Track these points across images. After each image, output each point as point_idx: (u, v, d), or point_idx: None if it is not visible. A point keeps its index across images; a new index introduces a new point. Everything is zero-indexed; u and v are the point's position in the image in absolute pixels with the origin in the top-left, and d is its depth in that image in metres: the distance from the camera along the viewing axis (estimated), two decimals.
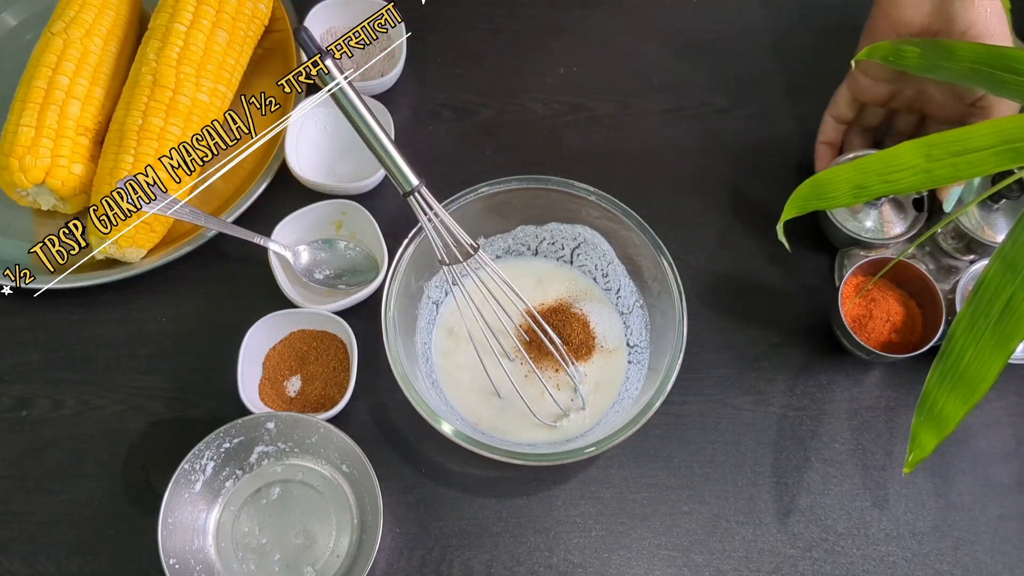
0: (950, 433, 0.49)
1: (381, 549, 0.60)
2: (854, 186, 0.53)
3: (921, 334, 0.65)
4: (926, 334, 0.64)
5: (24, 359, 0.68)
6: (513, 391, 0.63)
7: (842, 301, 0.65)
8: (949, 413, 0.49)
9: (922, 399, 0.50)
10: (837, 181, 0.54)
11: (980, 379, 0.48)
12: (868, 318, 0.65)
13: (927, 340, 0.63)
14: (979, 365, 0.48)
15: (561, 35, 0.81)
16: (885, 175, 0.52)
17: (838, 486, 0.65)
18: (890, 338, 0.65)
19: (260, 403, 0.65)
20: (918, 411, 0.50)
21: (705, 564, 0.63)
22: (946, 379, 0.49)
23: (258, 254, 0.69)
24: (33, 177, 0.66)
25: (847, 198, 0.54)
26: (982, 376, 0.48)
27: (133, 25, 0.75)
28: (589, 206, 0.65)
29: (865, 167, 0.53)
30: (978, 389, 0.48)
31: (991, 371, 0.48)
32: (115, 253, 0.67)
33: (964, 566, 0.63)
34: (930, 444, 0.50)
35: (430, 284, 0.67)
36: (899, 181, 0.52)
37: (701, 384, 0.68)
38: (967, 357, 0.49)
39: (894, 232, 0.67)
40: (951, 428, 0.49)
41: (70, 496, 0.64)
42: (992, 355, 0.48)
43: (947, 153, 0.51)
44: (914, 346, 0.64)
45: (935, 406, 0.50)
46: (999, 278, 0.48)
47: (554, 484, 0.65)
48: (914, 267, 0.65)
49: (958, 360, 0.49)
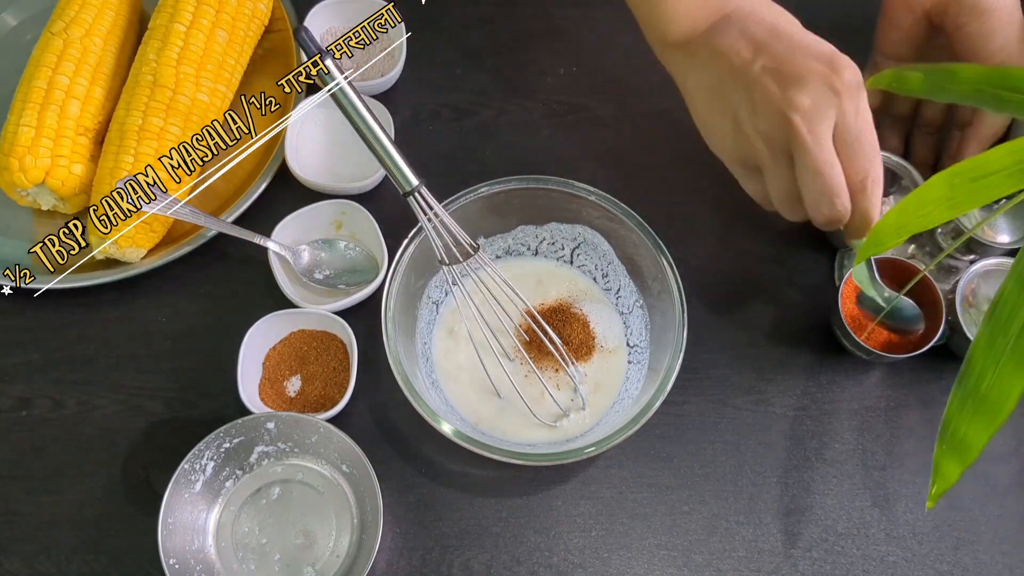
0: (974, 461, 0.47)
1: (381, 549, 0.60)
2: (897, 227, 0.54)
3: (921, 334, 0.65)
4: (926, 334, 0.64)
5: (24, 359, 0.68)
6: (513, 391, 0.63)
7: (842, 301, 0.65)
8: (972, 440, 0.47)
9: (943, 427, 0.48)
10: (887, 228, 0.55)
11: (1002, 401, 0.46)
12: (868, 318, 0.65)
13: (927, 340, 0.63)
14: (1000, 387, 0.46)
15: (561, 35, 0.81)
16: (918, 212, 0.53)
17: (838, 486, 0.65)
18: (890, 338, 0.65)
19: (260, 403, 0.65)
20: (940, 439, 0.48)
21: (705, 564, 0.63)
22: (967, 404, 0.47)
23: (258, 254, 0.69)
24: (33, 177, 0.66)
25: (892, 240, 0.55)
26: (1004, 398, 0.46)
27: (133, 25, 0.75)
28: (589, 206, 0.65)
29: (905, 208, 0.54)
30: (1001, 412, 0.46)
31: (1013, 392, 0.46)
32: (115, 253, 0.67)
33: (964, 566, 0.63)
34: (954, 474, 0.48)
35: (430, 284, 0.67)
36: (929, 215, 0.53)
37: (701, 384, 0.68)
38: (987, 380, 0.47)
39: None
40: (975, 456, 0.47)
41: (70, 496, 0.64)
42: (1013, 375, 0.46)
43: (967, 180, 0.51)
44: (914, 346, 0.64)
45: (957, 432, 0.48)
46: (1015, 296, 0.47)
47: (554, 484, 0.65)
48: (914, 267, 0.65)
49: (978, 383, 0.47)
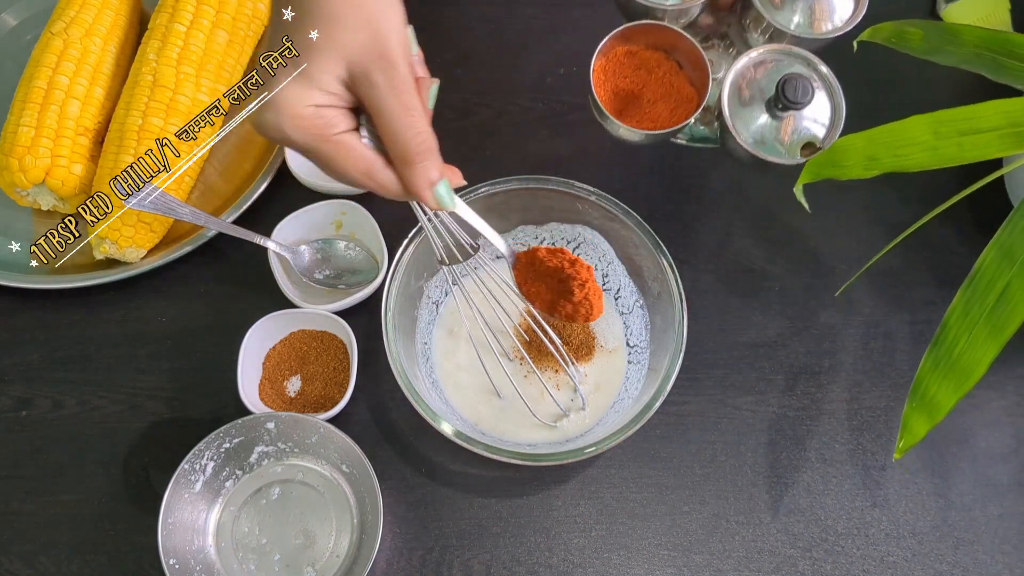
0: (941, 420, 0.49)
1: (381, 549, 0.60)
2: (866, 157, 0.53)
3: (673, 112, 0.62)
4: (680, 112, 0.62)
5: (24, 359, 0.68)
6: (513, 391, 0.63)
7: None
8: (941, 400, 0.49)
9: (915, 386, 0.50)
10: (852, 150, 0.54)
11: (973, 367, 0.48)
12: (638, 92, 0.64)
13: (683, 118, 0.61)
14: (972, 353, 0.49)
15: (561, 35, 0.81)
16: (894, 148, 0.52)
17: (838, 486, 0.65)
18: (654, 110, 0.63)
19: (260, 403, 0.65)
20: (910, 397, 0.50)
21: (705, 564, 0.63)
22: (939, 366, 0.49)
23: (258, 254, 0.69)
24: (33, 177, 0.66)
25: (859, 169, 0.54)
26: (975, 364, 0.48)
27: (133, 25, 0.75)
28: (589, 206, 0.65)
29: (876, 138, 0.53)
30: (971, 377, 0.49)
31: (984, 359, 0.48)
32: (115, 253, 0.67)
33: (964, 566, 0.63)
34: (921, 430, 0.50)
35: (430, 284, 0.67)
36: (908, 156, 0.52)
37: (701, 384, 0.68)
38: (960, 345, 0.49)
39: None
40: (943, 415, 0.49)
41: (70, 496, 0.64)
42: (986, 344, 0.48)
43: (954, 132, 0.51)
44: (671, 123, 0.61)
45: (927, 393, 0.50)
46: (995, 266, 0.48)
47: (554, 484, 0.65)
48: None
49: (951, 348, 0.49)
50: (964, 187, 0.53)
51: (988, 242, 0.50)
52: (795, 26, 0.62)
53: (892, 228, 0.71)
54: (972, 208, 0.71)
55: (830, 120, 0.60)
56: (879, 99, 0.76)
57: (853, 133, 0.56)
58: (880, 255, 0.59)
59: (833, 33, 0.61)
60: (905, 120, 0.52)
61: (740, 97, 0.60)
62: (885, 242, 0.72)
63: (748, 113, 0.60)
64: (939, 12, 0.79)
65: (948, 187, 0.54)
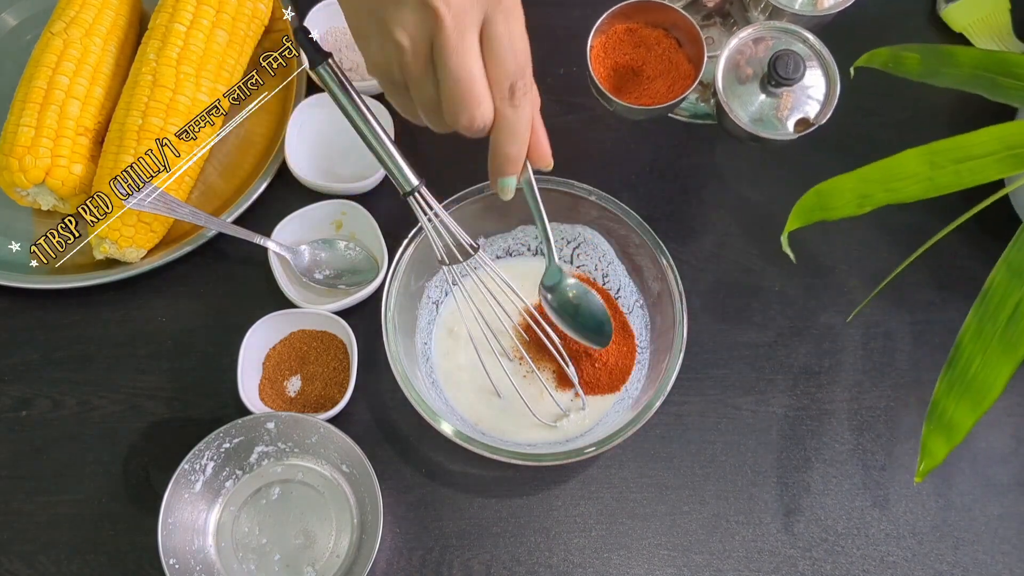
0: (960, 441, 0.49)
1: (381, 549, 0.60)
2: (858, 195, 0.53)
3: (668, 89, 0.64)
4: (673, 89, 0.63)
5: (24, 359, 0.68)
6: (513, 391, 0.63)
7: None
8: (959, 421, 0.49)
9: (931, 408, 0.50)
10: (841, 191, 0.54)
11: (989, 387, 0.48)
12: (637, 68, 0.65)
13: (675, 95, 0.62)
14: (988, 373, 0.48)
15: (561, 35, 0.81)
16: (887, 183, 0.52)
17: (838, 486, 0.65)
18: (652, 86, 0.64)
19: (260, 403, 0.65)
20: (928, 420, 0.50)
21: (705, 564, 0.63)
22: (954, 387, 0.49)
23: (258, 254, 0.69)
24: (33, 177, 0.66)
25: (851, 208, 0.54)
26: (991, 383, 0.48)
27: (133, 25, 0.75)
28: (589, 206, 0.65)
29: (868, 176, 0.53)
30: (987, 397, 0.48)
31: (1000, 378, 0.48)
32: (115, 253, 0.67)
33: (964, 566, 0.63)
34: (941, 453, 0.50)
35: (430, 284, 0.67)
36: (902, 189, 0.52)
37: (701, 384, 0.68)
38: (975, 365, 0.48)
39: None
40: (961, 436, 0.49)
41: (70, 496, 0.64)
42: (1000, 362, 0.48)
43: (949, 160, 0.51)
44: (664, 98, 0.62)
45: (944, 414, 0.49)
46: (1005, 284, 0.48)
47: (554, 484, 0.65)
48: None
49: (966, 368, 0.49)
50: (966, 192, 0.53)
51: (988, 242, 0.50)
52: (799, 5, 0.63)
53: (893, 230, 0.72)
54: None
55: (824, 96, 0.61)
56: (878, 79, 0.75)
57: (843, 174, 0.54)
58: (894, 274, 0.58)
59: (832, 10, 0.63)
60: (897, 155, 0.52)
61: (741, 74, 0.61)
62: (886, 243, 0.72)
63: (746, 90, 0.61)
64: (939, 12, 0.79)
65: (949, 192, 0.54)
